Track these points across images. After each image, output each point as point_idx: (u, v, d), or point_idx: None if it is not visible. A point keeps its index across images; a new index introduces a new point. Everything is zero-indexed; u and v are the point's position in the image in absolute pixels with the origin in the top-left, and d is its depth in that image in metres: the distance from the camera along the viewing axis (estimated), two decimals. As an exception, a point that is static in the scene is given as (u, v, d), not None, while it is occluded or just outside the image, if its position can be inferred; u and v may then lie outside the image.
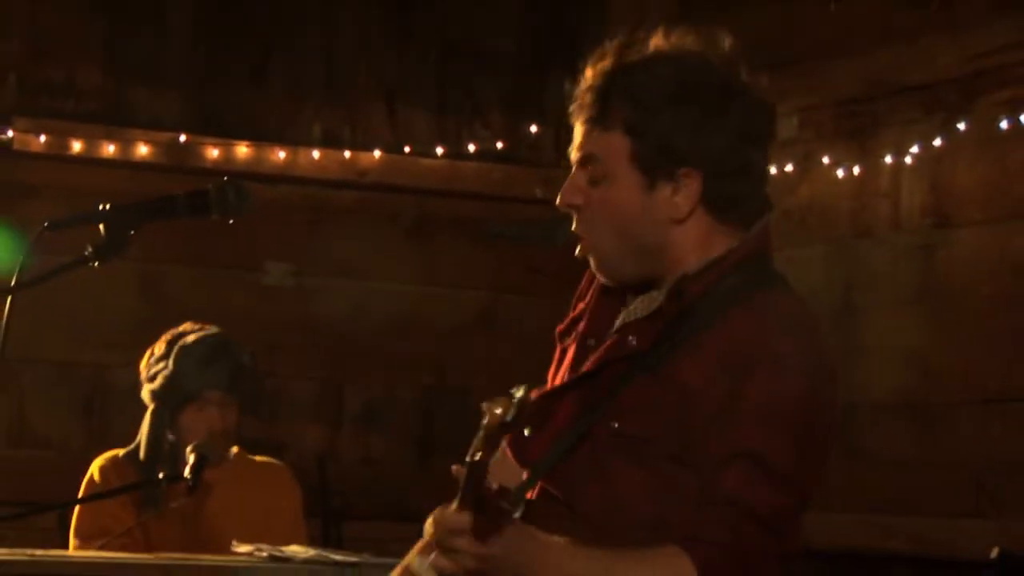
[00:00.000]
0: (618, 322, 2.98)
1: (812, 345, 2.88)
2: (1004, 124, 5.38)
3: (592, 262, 2.99)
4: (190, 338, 4.97)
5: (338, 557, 4.46)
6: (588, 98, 2.93)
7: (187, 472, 4.65)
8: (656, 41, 2.93)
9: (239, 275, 6.61)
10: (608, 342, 2.95)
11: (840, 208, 5.93)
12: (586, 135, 2.94)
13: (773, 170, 5.90)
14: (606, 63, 2.92)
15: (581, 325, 3.06)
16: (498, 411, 2.74)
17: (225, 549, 4.60)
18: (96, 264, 3.01)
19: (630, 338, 2.92)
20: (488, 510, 2.76)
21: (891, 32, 5.72)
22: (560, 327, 3.13)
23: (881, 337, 5.72)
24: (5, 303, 3.03)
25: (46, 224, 3.01)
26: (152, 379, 4.96)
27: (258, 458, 5.22)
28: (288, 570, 4.33)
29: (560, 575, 2.80)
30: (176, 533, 4.87)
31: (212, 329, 5.05)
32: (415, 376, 6.77)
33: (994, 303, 5.40)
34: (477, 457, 2.72)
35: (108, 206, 3.02)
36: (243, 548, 4.50)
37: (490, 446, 2.75)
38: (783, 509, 2.81)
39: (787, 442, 2.80)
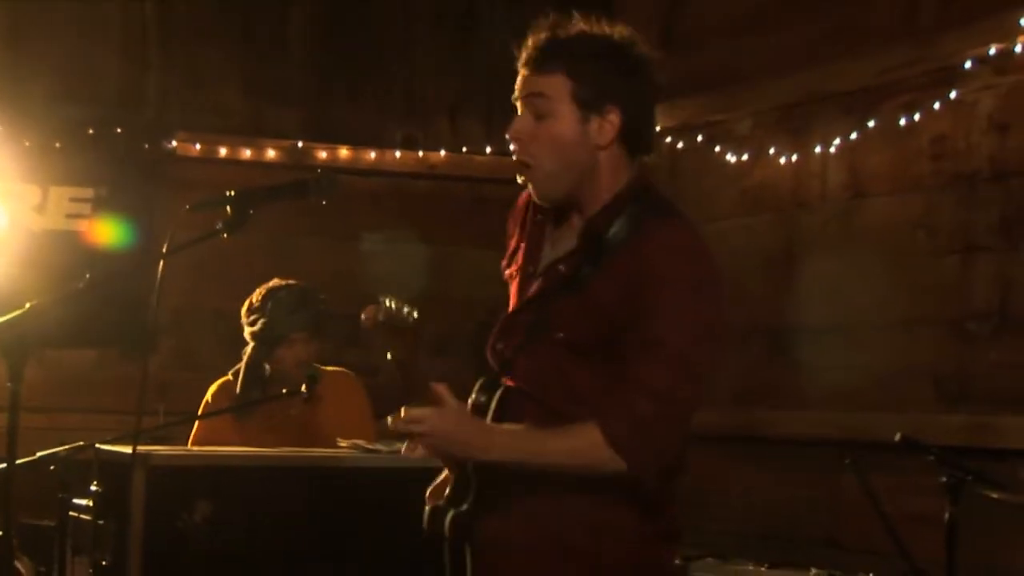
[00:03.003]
0: (547, 256, 2.91)
1: (696, 255, 2.78)
2: (902, 121, 5.34)
3: (532, 185, 2.89)
4: (280, 292, 4.84)
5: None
6: (535, 51, 2.84)
7: (303, 389, 4.59)
8: (581, 25, 2.87)
9: (343, 243, 6.59)
10: (544, 273, 2.90)
11: (782, 186, 5.88)
12: (531, 78, 2.85)
13: (733, 159, 5.96)
14: (547, 30, 2.86)
15: (519, 257, 2.99)
16: (368, 314, 2.68)
17: (329, 444, 4.56)
18: (225, 236, 2.89)
19: (560, 267, 2.87)
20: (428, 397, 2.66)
21: (817, 55, 5.67)
22: (504, 261, 3.06)
23: (814, 279, 5.68)
24: (159, 266, 2.95)
25: (187, 207, 2.90)
26: (252, 324, 4.84)
27: (328, 368, 5.04)
28: (378, 458, 4.31)
29: (502, 448, 2.73)
30: (294, 434, 4.83)
31: (295, 282, 4.90)
32: (476, 313, 6.72)
33: (898, 253, 5.35)
34: (390, 356, 2.66)
35: (233, 192, 2.91)
36: (344, 443, 4.46)
37: (392, 342, 2.67)
38: (676, 385, 2.69)
39: (682, 332, 2.69)
